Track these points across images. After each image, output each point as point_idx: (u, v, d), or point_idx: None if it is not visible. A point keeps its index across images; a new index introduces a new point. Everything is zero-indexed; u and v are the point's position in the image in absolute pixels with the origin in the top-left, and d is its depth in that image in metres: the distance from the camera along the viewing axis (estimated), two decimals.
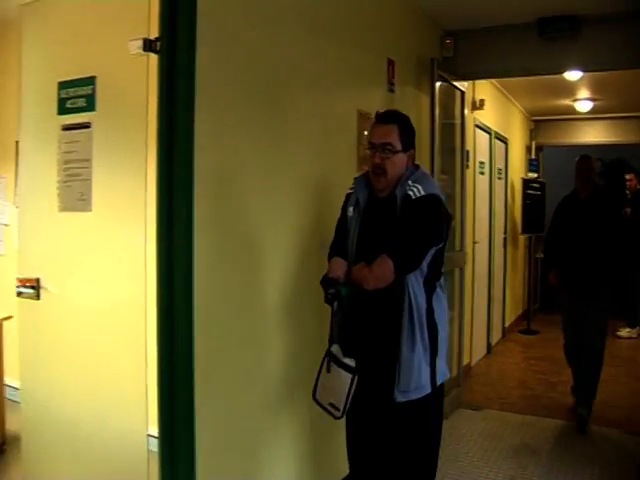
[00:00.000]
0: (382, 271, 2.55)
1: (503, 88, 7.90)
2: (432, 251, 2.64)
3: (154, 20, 2.67)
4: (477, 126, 6.83)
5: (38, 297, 3.05)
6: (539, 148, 10.37)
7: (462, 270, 5.61)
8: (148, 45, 2.64)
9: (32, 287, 3.05)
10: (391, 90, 4.52)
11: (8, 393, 4.38)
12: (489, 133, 7.45)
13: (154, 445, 2.68)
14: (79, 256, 2.96)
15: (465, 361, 6.04)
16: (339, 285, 2.65)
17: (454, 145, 5.61)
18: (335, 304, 2.66)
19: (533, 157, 10.07)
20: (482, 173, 7.15)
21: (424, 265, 2.64)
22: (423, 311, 2.64)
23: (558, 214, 5.40)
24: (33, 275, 3.07)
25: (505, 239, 8.34)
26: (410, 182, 2.65)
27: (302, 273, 3.27)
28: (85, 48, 2.97)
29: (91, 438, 2.93)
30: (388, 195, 2.71)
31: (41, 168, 3.12)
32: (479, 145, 6.93)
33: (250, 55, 2.93)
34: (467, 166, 5.93)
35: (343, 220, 2.88)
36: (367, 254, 2.66)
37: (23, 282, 3.09)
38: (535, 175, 9.57)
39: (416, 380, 2.62)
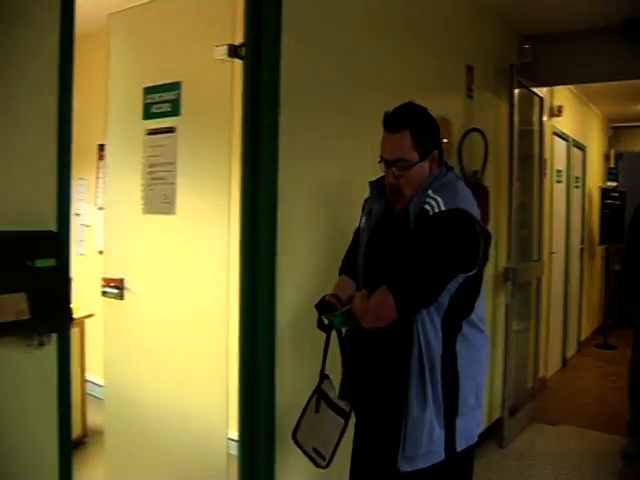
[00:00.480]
0: (380, 309, 2.06)
1: (582, 94, 7.69)
2: (459, 279, 2.08)
3: (239, 26, 2.71)
4: (555, 133, 6.66)
5: (122, 297, 3.13)
6: (618, 156, 10.03)
7: (539, 281, 5.46)
8: (233, 51, 2.68)
9: (116, 287, 3.13)
10: (470, 96, 4.46)
11: (89, 389, 4.51)
12: (567, 140, 7.25)
13: (234, 449, 2.71)
14: (162, 258, 3.02)
15: (540, 374, 5.89)
16: (334, 314, 2.22)
17: (531, 153, 5.48)
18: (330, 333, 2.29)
19: (612, 165, 9.76)
20: (559, 182, 6.97)
21: (444, 298, 2.08)
22: (437, 359, 2.09)
23: (633, 225, 4.87)
24: (117, 276, 3.15)
25: (582, 250, 8.10)
26: (430, 192, 2.10)
27: None
28: (170, 54, 3.03)
29: (171, 437, 2.98)
30: (403, 209, 2.19)
31: (126, 171, 3.20)
32: (556, 153, 6.75)
33: (332, 61, 2.94)
34: (544, 174, 5.79)
35: (357, 230, 2.46)
36: (373, 279, 2.18)
37: (108, 282, 3.17)
38: (614, 184, 9.27)
39: (426, 445, 2.08)
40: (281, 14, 2.64)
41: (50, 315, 1.82)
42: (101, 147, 5.23)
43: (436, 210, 2.05)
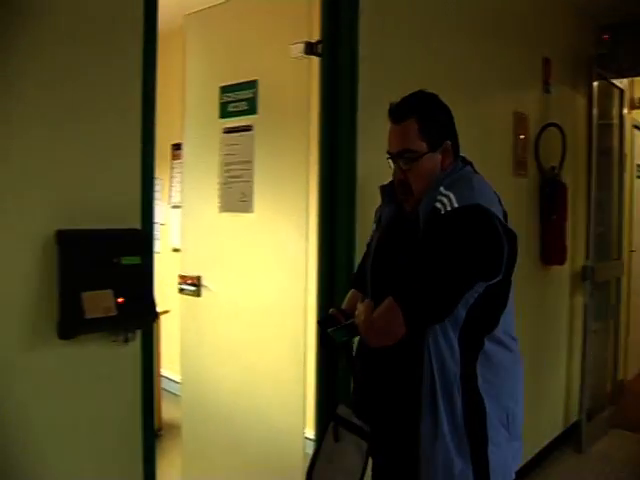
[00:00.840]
0: (386, 324, 1.76)
1: None
2: (479, 289, 1.76)
3: (315, 23, 2.70)
4: (635, 127, 6.40)
5: (199, 294, 3.16)
6: None
7: (619, 280, 5.27)
8: (309, 48, 2.68)
9: (193, 284, 3.17)
10: (547, 90, 4.33)
11: (163, 384, 4.60)
12: None
13: (310, 448, 2.70)
14: (239, 256, 3.04)
15: (619, 377, 5.68)
16: (336, 328, 1.98)
17: (610, 147, 5.29)
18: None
19: None
20: (639, 177, 6.71)
21: (460, 311, 1.77)
22: (455, 382, 1.78)
23: None
24: (194, 273, 3.18)
25: None
26: (442, 189, 1.81)
27: None
28: (246, 53, 3.05)
29: (247, 434, 3.00)
30: (413, 210, 1.90)
31: (202, 170, 3.23)
32: (637, 147, 6.50)
33: (408, 55, 2.90)
34: (624, 169, 5.58)
35: (369, 241, 2.17)
36: (381, 289, 1.89)
37: (185, 279, 3.22)
38: None
39: None
40: (358, 10, 2.62)
41: (135, 312, 1.85)
42: (175, 146, 5.32)
43: (448, 208, 1.76)
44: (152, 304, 1.87)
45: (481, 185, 1.89)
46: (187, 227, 3.33)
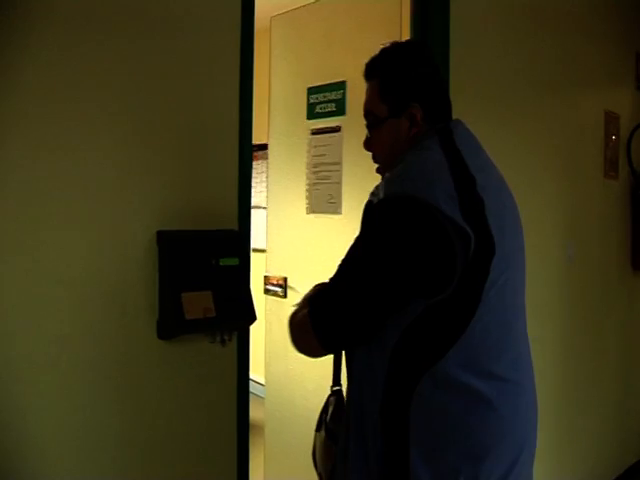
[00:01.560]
0: (299, 339, 1.51)
1: None
2: (416, 308, 1.32)
3: (405, 23, 2.66)
4: None
5: (285, 295, 3.16)
6: None
7: None
8: None
9: (280, 286, 3.17)
10: None
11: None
12: None
13: None
14: (326, 257, 3.00)
15: None
16: None
17: None
18: None
19: None
20: None
21: (390, 334, 1.35)
22: (373, 423, 1.38)
23: None
24: (280, 274, 3.18)
25: None
26: (389, 174, 1.45)
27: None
28: (334, 54, 3.03)
29: None
30: None
31: (289, 171, 3.23)
32: None
33: (495, 56, 2.85)
34: None
35: None
36: None
37: (270, 280, 3.22)
38: None
39: None
40: (449, 12, 2.57)
41: (234, 313, 1.84)
42: (255, 147, 5.35)
43: (378, 198, 1.38)
44: (250, 306, 1.86)
45: (423, 161, 1.42)
46: (273, 228, 3.34)
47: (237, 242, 1.90)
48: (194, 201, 1.88)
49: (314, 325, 1.40)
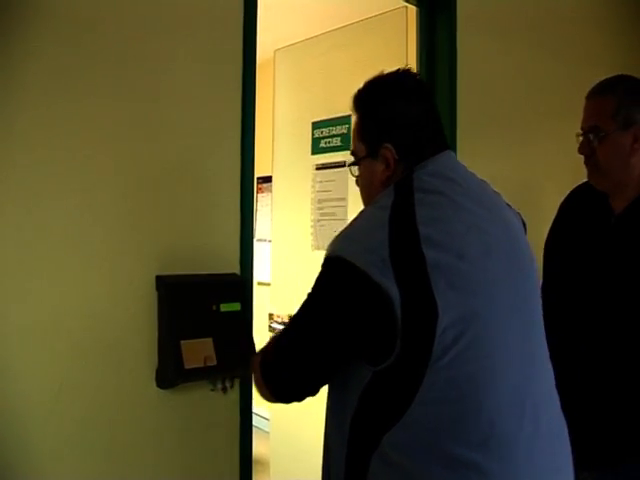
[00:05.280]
0: (257, 384, 1.42)
1: None
2: (365, 374, 1.23)
3: (411, 56, 2.63)
4: None
5: None
6: None
7: None
8: None
9: (284, 324, 3.11)
10: None
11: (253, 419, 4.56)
12: None
13: None
14: None
15: None
16: None
17: None
18: None
19: None
20: None
21: (349, 396, 1.27)
22: None
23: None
24: (285, 312, 3.12)
25: None
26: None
27: None
28: (339, 87, 2.99)
29: None
30: None
31: (294, 206, 3.19)
32: None
33: (506, 85, 2.80)
34: None
35: None
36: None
37: (275, 318, 3.16)
38: None
39: None
40: (456, 43, 2.54)
41: (235, 361, 1.78)
42: (259, 180, 5.33)
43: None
44: (252, 353, 1.80)
45: (365, 219, 1.34)
46: (277, 264, 3.28)
47: (238, 287, 1.85)
48: (194, 244, 1.83)
49: (263, 376, 1.35)
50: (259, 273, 4.75)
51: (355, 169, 1.47)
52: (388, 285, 1.15)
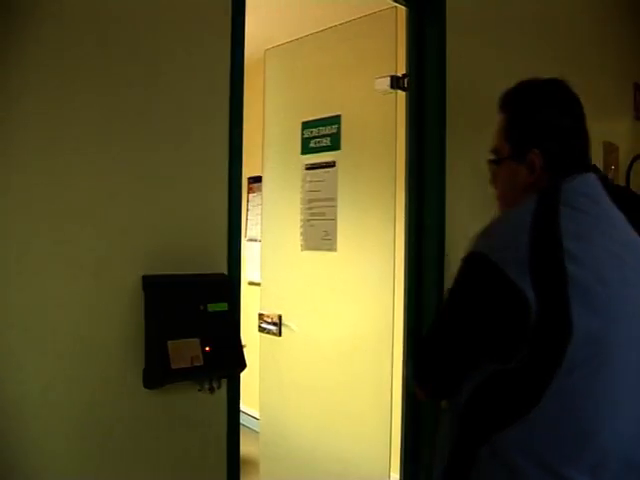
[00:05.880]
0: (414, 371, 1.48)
1: None
2: (486, 369, 1.28)
3: (401, 56, 2.63)
4: None
5: (279, 334, 3.09)
6: None
7: None
8: (395, 82, 2.62)
9: (274, 324, 3.10)
10: (638, 118, 4.12)
11: (243, 419, 4.54)
12: None
13: None
14: (322, 295, 2.96)
15: None
16: None
17: None
18: None
19: None
20: None
21: (462, 394, 1.32)
22: None
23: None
24: (275, 312, 3.12)
25: None
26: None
27: None
28: (329, 88, 3.00)
29: (328, 475, 2.91)
30: None
31: (283, 206, 3.18)
32: None
33: (494, 86, 2.79)
34: None
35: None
36: None
37: (265, 318, 3.15)
38: None
39: None
40: (445, 42, 2.54)
41: (222, 361, 1.77)
42: (250, 180, 5.32)
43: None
44: (239, 353, 1.80)
45: (507, 219, 1.38)
46: (267, 264, 3.28)
47: (226, 286, 1.84)
48: (182, 244, 1.82)
49: (414, 375, 1.44)
50: (251, 273, 4.78)
51: (493, 167, 1.49)
52: (524, 286, 1.17)
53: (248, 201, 5.57)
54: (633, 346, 1.24)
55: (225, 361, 1.78)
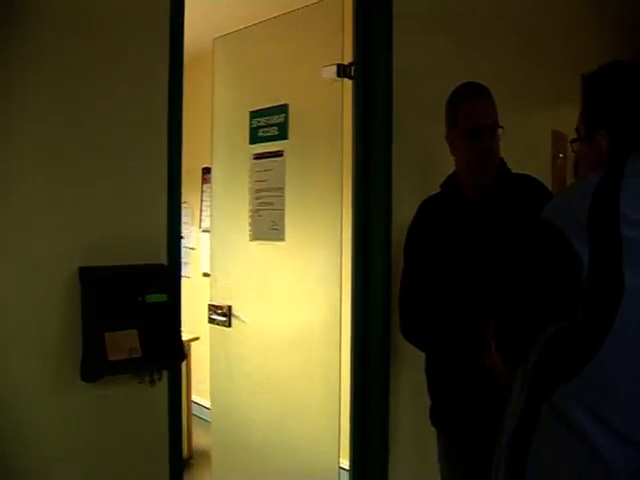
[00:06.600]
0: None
1: None
2: (548, 330, 1.36)
3: (348, 45, 2.62)
4: None
5: (229, 325, 3.07)
6: None
7: None
8: (342, 70, 2.60)
9: (224, 314, 3.08)
10: None
11: (194, 410, 4.52)
12: None
13: (345, 478, 2.64)
14: (271, 285, 2.95)
15: None
16: None
17: None
18: None
19: None
20: None
21: (531, 355, 1.40)
22: (505, 448, 1.44)
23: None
24: (225, 303, 3.10)
25: None
26: None
27: None
28: (276, 77, 2.97)
29: (279, 464, 2.91)
30: None
31: (232, 196, 3.15)
32: None
33: (442, 75, 2.80)
34: None
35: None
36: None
37: (215, 309, 3.13)
38: None
39: None
40: (392, 31, 2.54)
41: (161, 352, 1.76)
42: (205, 170, 5.28)
43: None
44: (179, 344, 1.78)
45: (571, 187, 1.59)
46: (217, 255, 3.25)
47: (165, 277, 1.82)
48: (121, 235, 1.80)
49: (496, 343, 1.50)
50: (205, 264, 4.74)
51: (575, 146, 1.59)
52: (579, 247, 1.26)
53: (202, 192, 5.53)
54: None
55: (164, 352, 1.76)
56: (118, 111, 1.78)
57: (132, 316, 1.71)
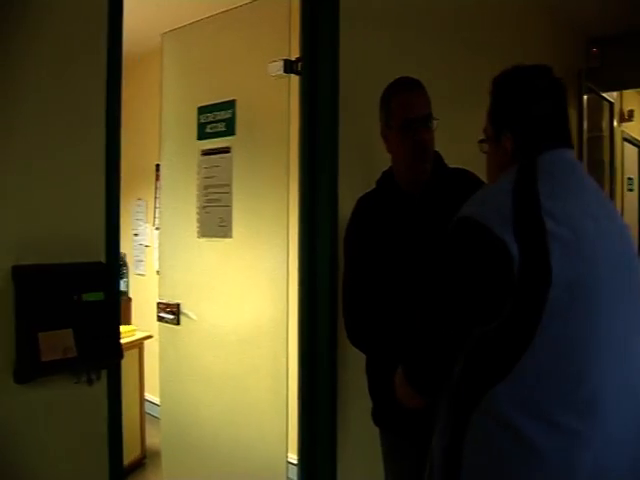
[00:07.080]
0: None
1: None
2: (473, 337, 1.36)
3: (295, 41, 2.61)
4: (625, 139, 6.34)
5: (178, 323, 3.04)
6: None
7: None
8: (289, 66, 2.60)
9: (172, 312, 3.05)
10: None
11: (148, 409, 4.47)
12: (638, 146, 6.90)
13: (293, 473, 2.64)
14: (219, 282, 2.93)
15: None
16: None
17: (600, 160, 5.23)
18: None
19: None
20: (631, 190, 6.63)
21: (456, 367, 1.40)
22: (439, 453, 1.44)
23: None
24: (173, 300, 3.06)
25: None
26: None
27: None
28: (224, 72, 2.95)
29: (229, 460, 2.89)
30: None
31: (180, 193, 3.12)
32: (627, 160, 6.43)
33: (389, 72, 2.81)
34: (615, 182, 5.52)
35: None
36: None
37: (164, 307, 3.09)
38: None
39: None
40: (338, 26, 2.53)
41: (98, 352, 1.73)
42: (158, 167, 5.21)
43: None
44: (117, 343, 1.75)
45: (489, 188, 1.54)
46: (165, 252, 3.21)
47: (103, 275, 1.79)
48: (57, 233, 1.75)
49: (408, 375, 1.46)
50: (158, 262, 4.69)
51: (484, 146, 1.60)
52: (508, 241, 1.27)
53: (156, 188, 5.46)
54: (619, 298, 1.36)
55: (101, 351, 1.73)
56: (52, 107, 1.74)
57: (67, 315, 1.68)
